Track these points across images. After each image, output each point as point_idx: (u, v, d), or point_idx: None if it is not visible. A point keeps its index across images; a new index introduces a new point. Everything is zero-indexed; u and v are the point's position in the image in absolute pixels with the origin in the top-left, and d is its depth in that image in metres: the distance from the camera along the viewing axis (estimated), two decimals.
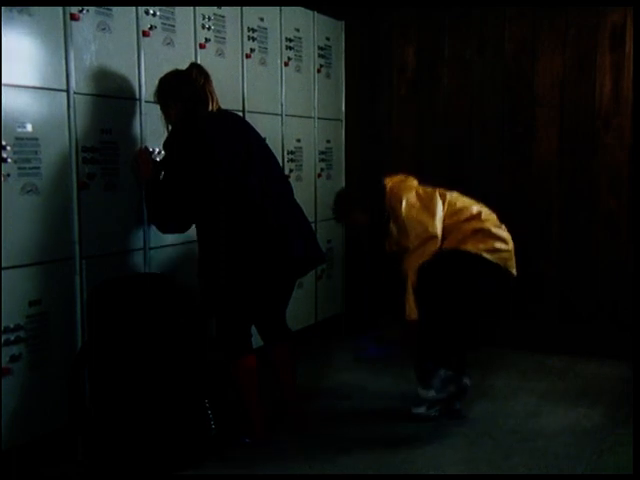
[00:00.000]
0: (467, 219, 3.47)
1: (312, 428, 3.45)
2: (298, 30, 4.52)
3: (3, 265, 2.74)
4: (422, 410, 3.07)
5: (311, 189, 4.70)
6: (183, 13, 3.56)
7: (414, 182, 3.62)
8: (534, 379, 4.11)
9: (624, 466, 3.01)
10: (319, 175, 4.81)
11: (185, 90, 3.18)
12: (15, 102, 2.77)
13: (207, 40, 3.72)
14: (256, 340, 3.53)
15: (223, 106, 3.62)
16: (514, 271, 3.51)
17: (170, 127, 3.25)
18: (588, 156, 4.56)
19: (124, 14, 3.22)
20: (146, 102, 3.36)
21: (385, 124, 5.07)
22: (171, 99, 3.21)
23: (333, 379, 4.20)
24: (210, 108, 3.18)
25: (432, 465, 3.08)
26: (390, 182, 3.59)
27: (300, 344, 3.51)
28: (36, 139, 2.86)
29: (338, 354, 4.69)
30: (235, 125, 3.26)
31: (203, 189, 3.09)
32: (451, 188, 4.86)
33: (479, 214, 3.52)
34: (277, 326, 3.49)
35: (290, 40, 4.43)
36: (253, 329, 3.43)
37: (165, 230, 3.28)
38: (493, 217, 3.58)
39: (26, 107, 2.83)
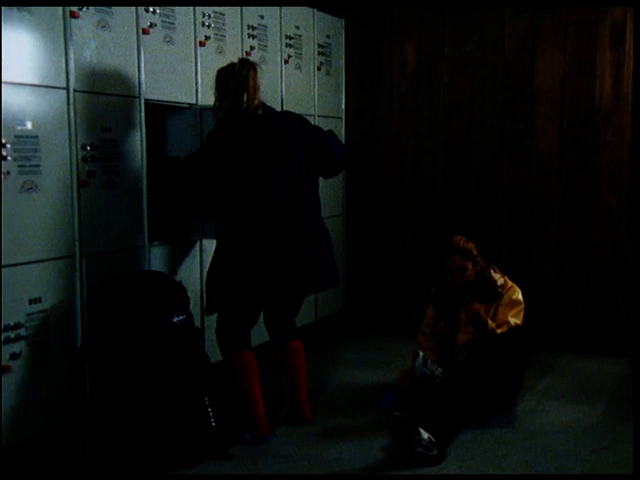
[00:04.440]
0: None
1: (312, 426, 3.45)
2: (298, 28, 4.51)
3: (3, 263, 2.74)
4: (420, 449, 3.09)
5: None
6: (183, 11, 3.56)
7: None
8: (534, 376, 4.11)
9: (624, 464, 3.01)
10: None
11: (232, 85, 3.25)
12: (15, 100, 2.77)
13: (207, 38, 3.72)
14: (262, 337, 3.54)
15: None
16: None
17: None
18: (588, 153, 4.56)
19: (124, 12, 3.22)
20: (146, 100, 3.36)
21: (385, 121, 5.07)
22: (220, 92, 3.29)
23: (333, 377, 4.21)
24: (249, 103, 3.23)
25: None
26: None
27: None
28: (36, 137, 2.86)
29: (338, 352, 4.70)
30: (261, 129, 3.27)
31: (219, 186, 3.20)
32: (451, 185, 4.91)
33: None
34: (284, 327, 3.51)
35: (290, 38, 4.43)
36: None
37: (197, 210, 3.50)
38: None
39: (26, 105, 2.83)
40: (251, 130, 3.23)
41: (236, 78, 3.23)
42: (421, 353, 3.68)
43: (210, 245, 3.75)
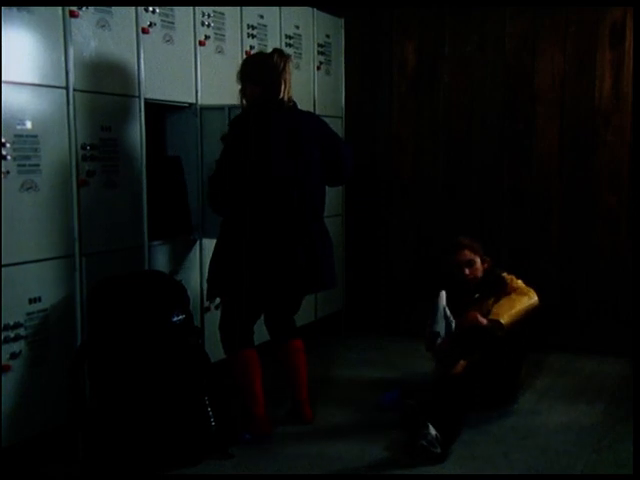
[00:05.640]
0: None
1: (312, 425, 3.45)
2: (298, 27, 4.51)
3: (3, 262, 2.74)
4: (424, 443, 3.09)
5: None
6: (183, 10, 3.56)
7: None
8: (534, 376, 4.11)
9: (623, 463, 3.01)
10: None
11: (262, 73, 3.23)
12: (14, 99, 2.77)
13: (207, 37, 3.72)
14: (263, 336, 3.54)
15: (222, 102, 3.62)
16: None
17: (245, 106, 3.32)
18: (588, 153, 4.56)
19: (123, 11, 3.22)
20: (146, 99, 3.36)
21: (385, 121, 5.07)
22: (249, 79, 3.27)
23: (333, 376, 4.21)
24: (281, 95, 3.21)
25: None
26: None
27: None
28: (35, 136, 2.86)
29: (338, 351, 4.70)
30: (291, 126, 3.25)
31: (236, 173, 3.17)
32: (451, 185, 4.91)
33: None
34: (284, 326, 3.51)
35: (290, 37, 4.43)
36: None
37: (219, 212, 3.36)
38: None
39: (25, 104, 2.82)
40: (281, 121, 3.21)
41: (275, 68, 3.21)
42: (444, 291, 3.63)
43: (211, 244, 3.75)
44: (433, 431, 3.04)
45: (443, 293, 3.61)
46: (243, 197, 3.19)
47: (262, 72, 3.24)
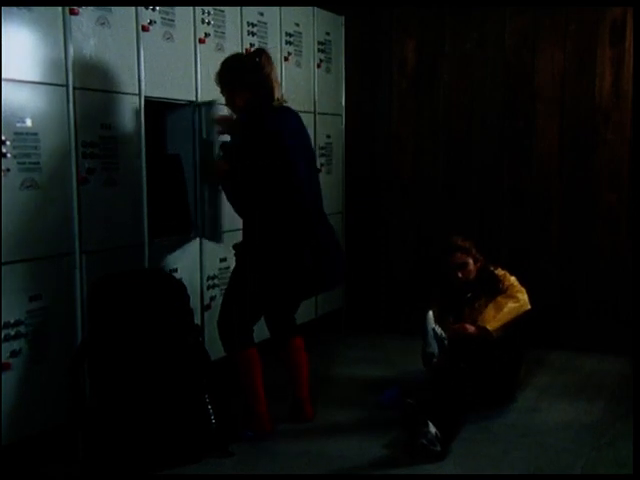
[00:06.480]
0: None
1: (313, 423, 3.45)
2: (298, 25, 4.51)
3: (3, 260, 2.74)
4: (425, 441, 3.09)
5: None
6: (183, 8, 3.56)
7: None
8: (534, 374, 4.11)
9: (624, 461, 3.01)
10: (319, 170, 4.79)
11: (252, 77, 3.18)
12: (14, 97, 2.77)
13: (207, 35, 3.72)
14: (263, 334, 3.53)
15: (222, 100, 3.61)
16: None
17: (235, 113, 3.27)
18: (588, 152, 4.56)
19: (123, 9, 3.21)
20: (146, 97, 3.35)
21: (385, 120, 5.07)
22: (238, 86, 3.21)
23: (334, 374, 4.21)
24: (276, 96, 3.19)
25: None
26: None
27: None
28: (36, 134, 2.85)
29: (338, 350, 4.70)
30: (296, 125, 3.24)
31: (262, 181, 3.11)
32: (451, 185, 4.91)
33: None
34: (285, 324, 3.50)
35: (290, 35, 4.43)
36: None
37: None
38: None
39: (25, 102, 2.82)
40: (285, 121, 3.18)
41: (263, 69, 3.18)
42: (431, 311, 3.67)
43: (210, 243, 3.75)
44: (433, 429, 3.04)
45: (430, 314, 3.65)
46: (260, 200, 3.15)
47: (251, 75, 3.19)
